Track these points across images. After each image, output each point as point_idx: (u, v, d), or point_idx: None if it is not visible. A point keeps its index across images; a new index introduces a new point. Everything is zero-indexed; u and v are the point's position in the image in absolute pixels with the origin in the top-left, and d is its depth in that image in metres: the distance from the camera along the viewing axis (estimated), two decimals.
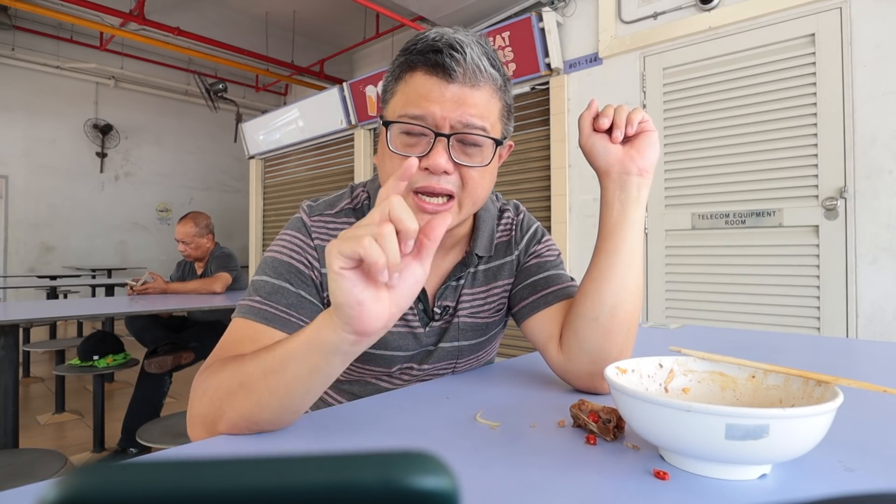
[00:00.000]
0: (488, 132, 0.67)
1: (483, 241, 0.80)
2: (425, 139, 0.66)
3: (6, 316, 1.76)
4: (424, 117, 0.65)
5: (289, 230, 0.75)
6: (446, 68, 0.64)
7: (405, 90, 0.68)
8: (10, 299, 5.74)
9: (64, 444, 2.55)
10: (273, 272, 0.70)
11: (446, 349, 0.81)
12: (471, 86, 0.66)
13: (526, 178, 3.56)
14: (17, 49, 5.78)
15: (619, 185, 0.68)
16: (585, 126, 0.69)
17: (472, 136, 0.66)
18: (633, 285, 0.69)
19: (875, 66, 2.30)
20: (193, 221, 2.75)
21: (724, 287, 2.72)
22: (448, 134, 0.65)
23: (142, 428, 1.66)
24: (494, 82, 0.68)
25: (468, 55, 0.65)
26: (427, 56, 0.65)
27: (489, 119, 0.67)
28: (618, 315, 0.68)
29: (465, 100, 0.65)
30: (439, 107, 0.65)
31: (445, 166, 0.65)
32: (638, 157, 0.67)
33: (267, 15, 5.31)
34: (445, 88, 0.65)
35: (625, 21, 3.11)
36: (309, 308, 0.69)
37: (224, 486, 0.12)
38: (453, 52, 0.64)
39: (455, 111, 0.65)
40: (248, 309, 0.66)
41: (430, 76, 0.66)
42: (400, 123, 0.67)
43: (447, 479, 0.13)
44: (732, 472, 0.43)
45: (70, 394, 3.25)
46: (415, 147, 0.67)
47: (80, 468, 0.12)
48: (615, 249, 0.68)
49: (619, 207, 0.69)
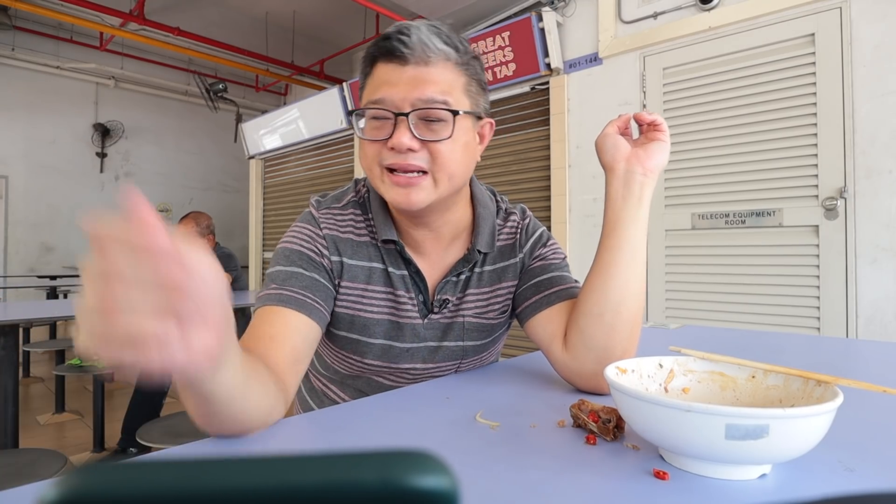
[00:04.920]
0: (451, 106, 0.70)
1: (484, 237, 0.81)
2: (389, 121, 0.70)
3: (6, 316, 1.76)
4: (384, 100, 0.69)
5: (299, 223, 0.79)
6: (396, 52, 0.69)
7: (370, 82, 0.72)
8: (10, 299, 5.74)
9: (64, 444, 2.55)
10: (286, 261, 0.73)
11: (451, 348, 0.82)
12: (424, 64, 0.69)
13: (526, 178, 3.56)
14: (17, 49, 5.78)
15: (623, 182, 0.70)
16: (610, 127, 0.72)
17: (433, 111, 0.69)
18: (635, 284, 0.69)
19: (875, 66, 2.30)
20: (194, 221, 2.75)
21: (724, 287, 2.72)
22: (407, 112, 0.68)
23: (142, 428, 1.66)
24: (449, 58, 0.71)
25: (414, 36, 0.69)
26: (380, 45, 0.70)
27: (452, 94, 0.70)
28: (622, 312, 0.68)
29: (422, 77, 0.69)
30: (397, 89, 0.68)
31: (409, 144, 0.68)
32: (645, 158, 0.69)
33: (267, 15, 5.30)
34: (402, 71, 0.69)
35: (625, 21, 3.10)
36: (323, 291, 0.73)
37: (224, 486, 0.12)
38: (401, 35, 0.69)
39: (413, 90, 0.68)
40: (265, 297, 0.69)
41: (388, 63, 0.70)
42: (367, 111, 0.71)
43: (447, 479, 0.13)
44: (732, 472, 0.43)
45: (70, 394, 3.25)
46: (381, 130, 0.70)
47: (80, 468, 0.12)
48: (618, 246, 0.69)
49: (622, 204, 0.70)
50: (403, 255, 0.78)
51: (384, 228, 0.77)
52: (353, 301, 0.78)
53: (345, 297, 0.77)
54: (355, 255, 0.78)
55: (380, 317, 0.78)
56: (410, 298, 0.79)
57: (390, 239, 0.77)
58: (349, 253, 0.77)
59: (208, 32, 5.38)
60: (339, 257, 0.77)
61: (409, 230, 0.79)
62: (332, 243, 0.76)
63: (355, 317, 0.78)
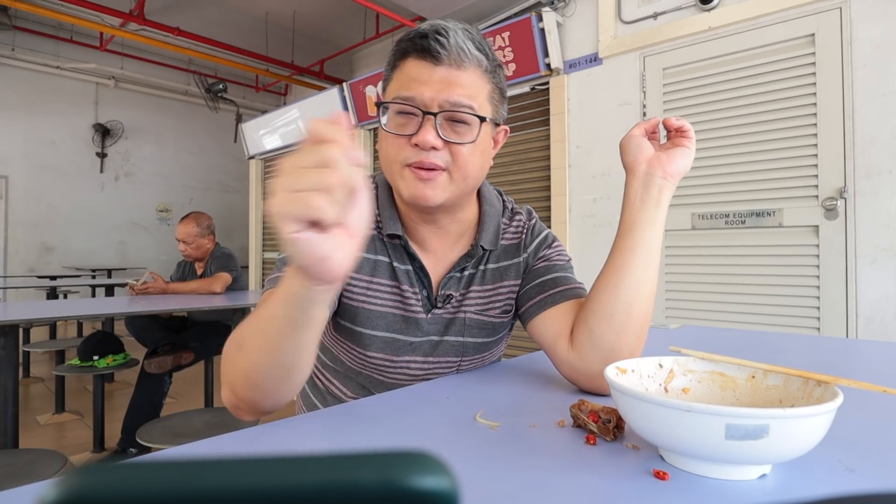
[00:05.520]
0: (476, 111, 0.71)
1: (488, 235, 0.82)
2: (416, 118, 0.71)
3: (6, 316, 1.76)
4: (414, 98, 0.70)
5: None
6: (432, 51, 0.70)
7: (399, 76, 0.73)
8: (10, 299, 5.75)
9: (64, 444, 2.55)
10: None
11: (451, 343, 0.82)
12: (457, 67, 0.71)
13: (526, 178, 3.56)
14: (17, 49, 5.78)
15: (643, 184, 0.70)
16: (637, 129, 0.72)
17: (460, 114, 0.71)
18: (648, 286, 0.69)
19: (875, 66, 2.30)
20: (195, 221, 2.75)
21: (724, 287, 2.72)
22: (435, 112, 0.70)
23: (142, 428, 1.66)
24: (480, 65, 0.73)
25: (452, 39, 0.70)
26: (415, 42, 0.71)
27: (477, 99, 0.72)
28: (632, 314, 0.68)
29: (452, 80, 0.70)
30: (427, 88, 0.70)
31: (434, 142, 0.69)
32: (667, 162, 0.69)
33: (267, 15, 5.31)
34: (433, 71, 0.70)
35: (625, 21, 3.11)
36: None
37: (224, 486, 0.12)
38: (438, 36, 0.70)
39: (443, 91, 0.70)
40: (273, 280, 0.71)
41: (420, 60, 0.71)
42: (394, 105, 0.72)
43: (447, 479, 0.13)
44: (732, 472, 0.43)
45: (70, 394, 3.25)
46: (406, 126, 0.72)
47: (80, 468, 0.12)
48: (632, 248, 0.69)
49: (640, 206, 0.70)
50: (408, 251, 0.79)
51: (390, 223, 0.79)
52: (359, 293, 0.79)
53: (351, 288, 0.79)
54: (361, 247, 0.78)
55: (385, 310, 0.80)
56: (414, 293, 0.80)
57: (395, 234, 0.78)
58: None
59: (208, 32, 5.38)
60: None
61: (416, 226, 0.80)
62: None
63: (360, 309, 0.79)
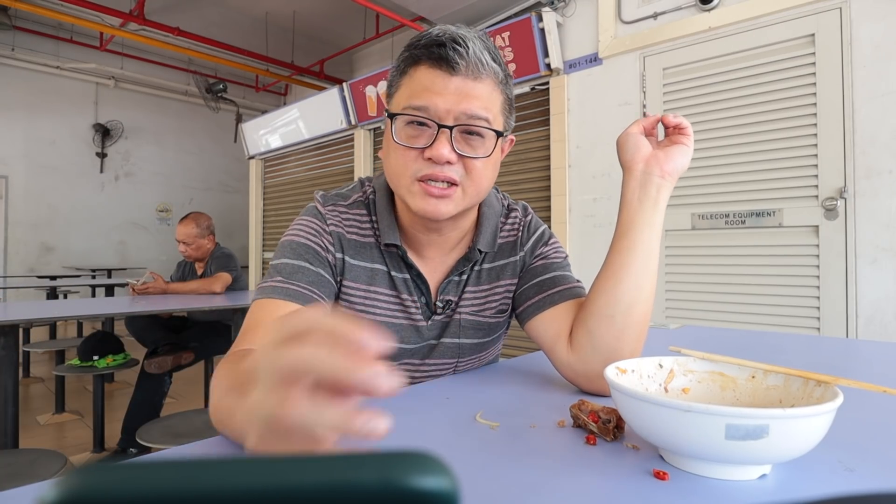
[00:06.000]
0: (491, 124, 0.69)
1: (486, 237, 0.81)
2: (429, 130, 0.68)
3: (6, 316, 1.76)
4: (428, 108, 0.67)
5: (304, 216, 0.78)
6: (449, 61, 0.66)
7: (410, 84, 0.70)
8: (10, 299, 5.74)
9: (64, 444, 2.55)
10: (293, 254, 0.73)
11: (448, 345, 0.82)
12: (473, 78, 0.68)
13: (526, 178, 3.56)
14: (17, 49, 5.78)
15: (640, 183, 0.68)
16: (635, 126, 0.70)
17: (475, 128, 0.68)
18: (647, 287, 0.68)
19: (875, 66, 2.30)
20: (195, 222, 2.75)
21: (724, 287, 2.72)
22: (451, 126, 0.67)
23: (142, 428, 1.66)
24: (496, 76, 0.70)
25: (471, 49, 0.67)
26: (431, 50, 0.67)
27: (492, 111, 0.69)
28: (632, 315, 0.68)
29: (468, 92, 0.67)
30: (442, 99, 0.66)
31: (448, 156, 0.67)
32: (665, 161, 0.68)
33: (267, 15, 5.31)
34: (449, 81, 0.67)
35: (625, 21, 3.10)
36: (328, 287, 0.73)
37: (224, 486, 0.12)
38: (456, 45, 0.66)
39: (458, 103, 0.67)
40: (270, 289, 0.68)
41: (434, 69, 0.68)
42: (405, 116, 0.68)
43: (447, 479, 0.13)
44: (732, 472, 0.43)
45: (70, 394, 3.25)
46: (418, 138, 0.69)
47: (80, 468, 0.12)
48: (631, 248, 0.68)
49: (637, 206, 0.68)
50: (405, 260, 0.78)
51: (388, 232, 0.77)
52: (358, 301, 0.77)
53: (349, 298, 0.77)
54: (358, 255, 0.77)
55: (387, 320, 0.78)
56: (413, 301, 0.79)
57: (393, 244, 0.76)
58: (352, 252, 0.77)
59: (208, 32, 5.38)
60: (343, 255, 0.76)
61: (416, 234, 0.78)
62: (337, 240, 0.76)
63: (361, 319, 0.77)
